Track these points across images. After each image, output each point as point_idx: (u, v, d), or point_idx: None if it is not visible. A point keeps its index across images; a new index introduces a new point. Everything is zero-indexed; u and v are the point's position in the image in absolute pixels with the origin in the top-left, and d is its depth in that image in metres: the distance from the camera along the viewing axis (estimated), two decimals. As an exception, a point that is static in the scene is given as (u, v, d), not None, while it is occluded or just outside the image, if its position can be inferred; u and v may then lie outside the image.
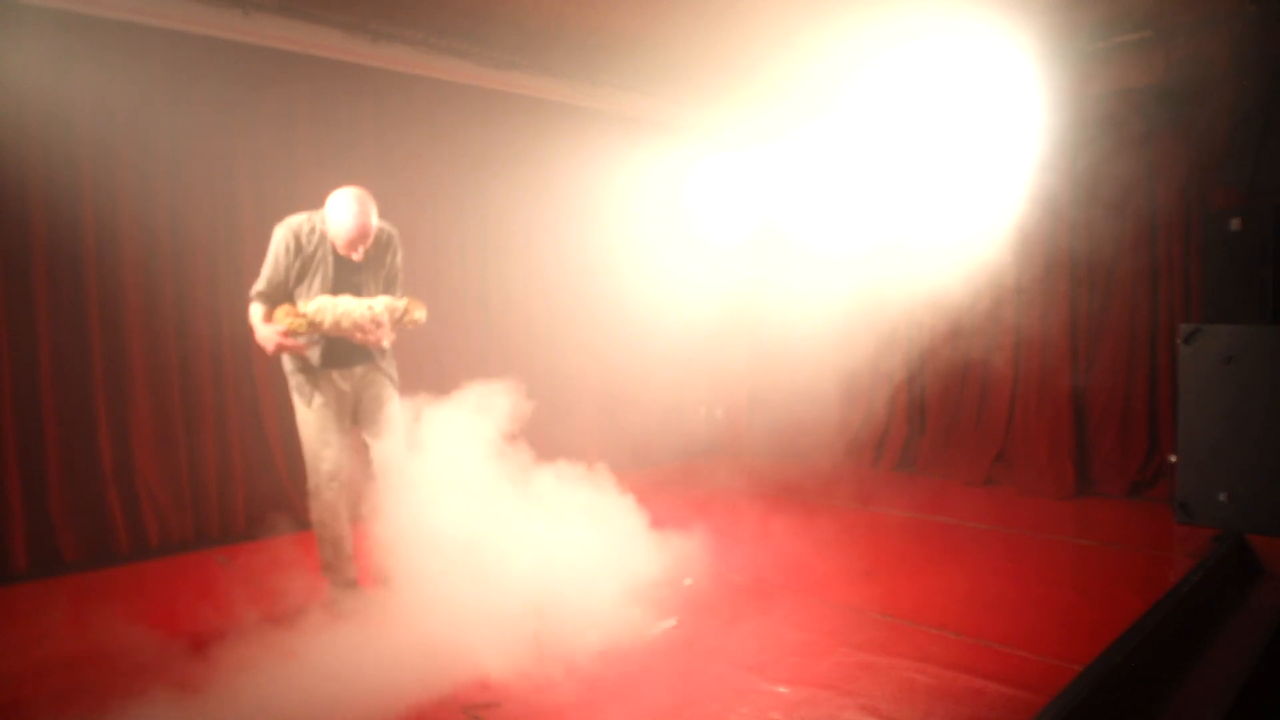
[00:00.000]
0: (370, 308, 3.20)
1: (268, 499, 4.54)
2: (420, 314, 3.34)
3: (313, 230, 3.24)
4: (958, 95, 5.23)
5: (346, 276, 3.29)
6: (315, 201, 4.75)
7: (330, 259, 3.26)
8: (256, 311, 3.20)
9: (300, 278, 3.24)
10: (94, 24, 3.98)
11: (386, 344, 3.35)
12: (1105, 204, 5.07)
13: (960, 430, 5.87)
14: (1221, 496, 4.31)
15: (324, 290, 3.23)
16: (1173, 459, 4.51)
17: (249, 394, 4.60)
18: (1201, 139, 4.73)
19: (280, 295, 3.23)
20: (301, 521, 4.44)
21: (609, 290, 6.16)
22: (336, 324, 3.15)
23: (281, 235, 3.24)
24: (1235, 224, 4.36)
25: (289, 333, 3.11)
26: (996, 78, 5.00)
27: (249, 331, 3.29)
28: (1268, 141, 4.35)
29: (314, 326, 3.14)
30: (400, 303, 3.29)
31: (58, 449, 4.00)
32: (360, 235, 3.18)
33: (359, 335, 3.20)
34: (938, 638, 3.13)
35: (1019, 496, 5.34)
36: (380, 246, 3.37)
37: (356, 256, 3.24)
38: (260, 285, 3.23)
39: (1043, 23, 4.62)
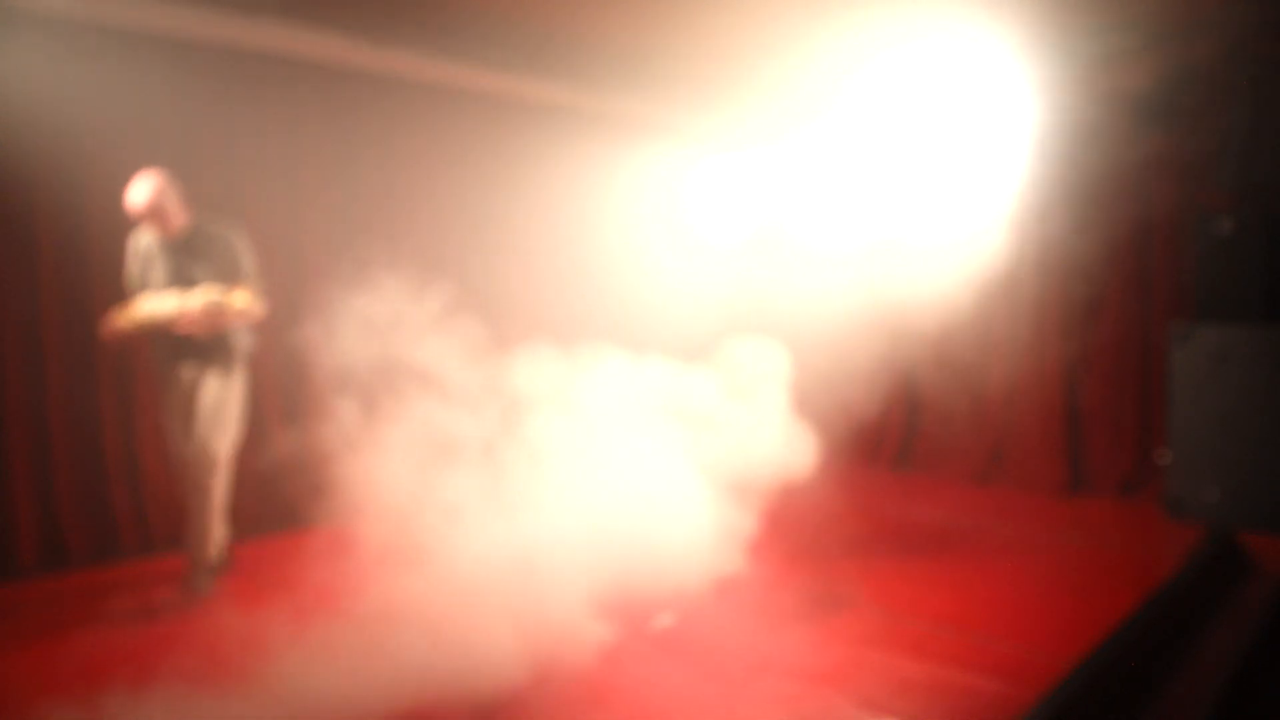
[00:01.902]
0: (181, 303, 3.42)
1: (272, 495, 4.58)
2: (243, 302, 3.50)
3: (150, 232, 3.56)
4: (953, 98, 5.27)
5: (179, 271, 3.54)
6: (317, 206, 4.83)
7: (162, 256, 3.55)
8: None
9: (145, 274, 3.58)
10: (97, 32, 4.00)
11: (242, 336, 3.64)
12: (1100, 205, 5.12)
13: (956, 429, 5.92)
14: (1213, 494, 4.37)
15: (162, 284, 3.52)
16: (1163, 458, 4.57)
17: (249, 394, 4.62)
18: (1194, 141, 4.77)
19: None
20: (306, 517, 4.50)
21: (609, 293, 6.18)
22: (152, 320, 3.42)
23: (130, 240, 3.60)
24: (1227, 225, 4.41)
25: (116, 331, 3.43)
26: (992, 81, 5.04)
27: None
28: (1259, 144, 4.39)
29: (136, 324, 3.43)
30: (219, 295, 3.45)
31: (64, 447, 4.03)
32: (144, 209, 3.42)
33: (195, 326, 3.43)
34: (933, 633, 3.18)
35: (1014, 494, 5.40)
36: (209, 241, 3.59)
37: (149, 229, 3.50)
38: (127, 286, 3.60)
39: (1039, 27, 4.66)
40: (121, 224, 4.13)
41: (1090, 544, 4.36)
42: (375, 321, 3.47)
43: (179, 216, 3.53)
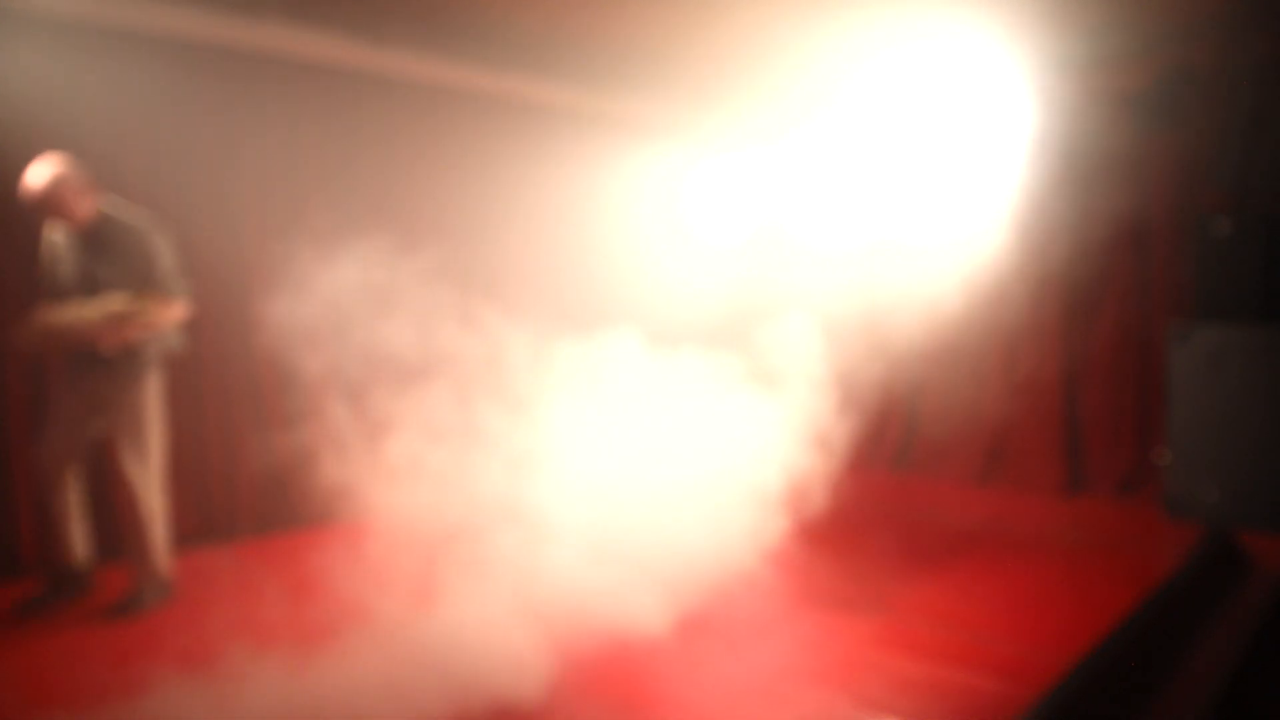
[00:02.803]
0: (80, 316, 3.12)
1: (274, 494, 4.59)
2: (153, 311, 3.20)
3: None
4: (952, 99, 5.28)
5: (85, 270, 3.22)
6: (317, 206, 4.83)
7: (69, 252, 3.23)
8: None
9: (53, 273, 3.27)
10: (97, 32, 4.00)
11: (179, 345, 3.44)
12: (1098, 205, 5.13)
13: (954, 429, 5.92)
14: (1212, 493, 4.38)
15: (69, 285, 3.22)
16: (1162, 458, 4.58)
17: (251, 392, 4.64)
18: (1193, 142, 4.78)
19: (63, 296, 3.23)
20: (305, 517, 4.51)
21: (608, 294, 6.19)
22: (56, 333, 3.12)
23: (43, 233, 3.27)
24: (1225, 226, 4.42)
25: (21, 343, 3.15)
26: (991, 82, 5.05)
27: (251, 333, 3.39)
28: (1256, 144, 4.40)
29: (42, 337, 3.13)
30: (124, 306, 3.14)
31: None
32: (38, 198, 3.09)
33: (97, 342, 3.15)
34: (933, 633, 3.18)
35: (1013, 494, 5.40)
36: (121, 236, 3.24)
37: (52, 225, 3.21)
38: (40, 286, 3.30)
39: (1037, 28, 4.66)
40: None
41: (1090, 544, 4.37)
42: (374, 318, 3.48)
43: (83, 207, 3.17)
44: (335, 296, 4.25)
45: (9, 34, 3.75)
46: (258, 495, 4.61)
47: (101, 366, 3.27)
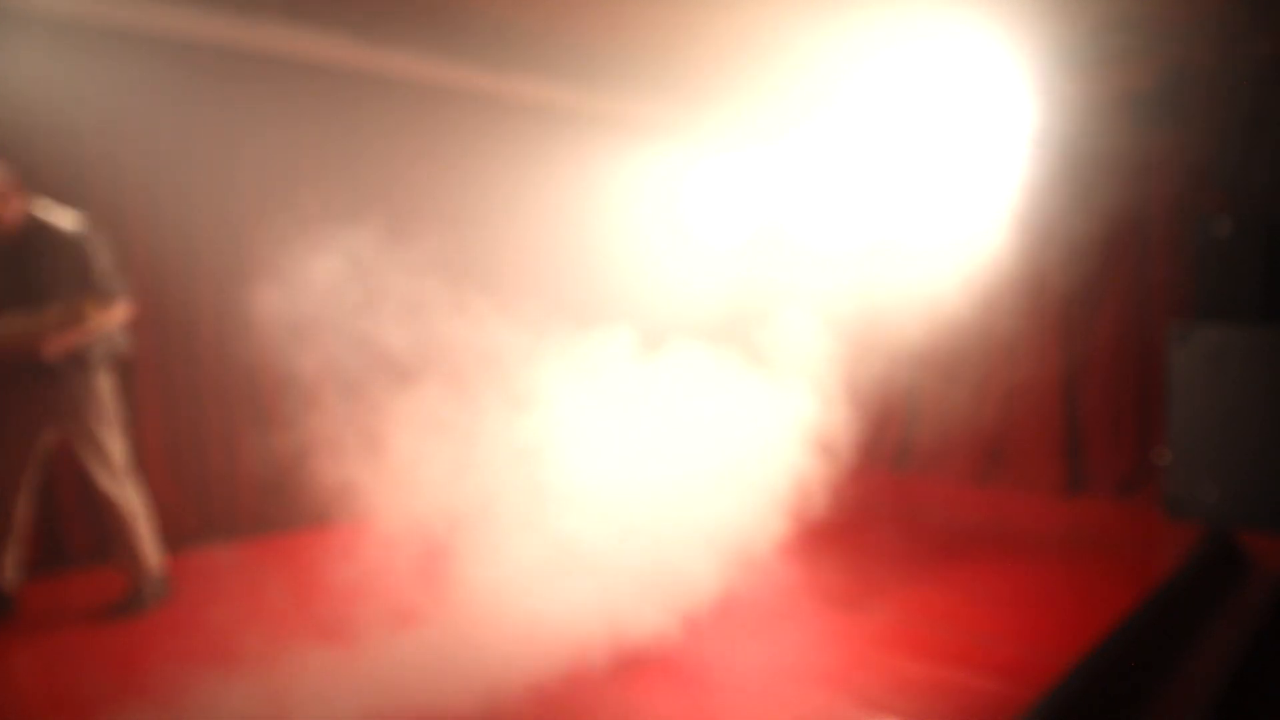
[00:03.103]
0: (17, 326, 3.05)
1: (274, 494, 4.60)
2: (97, 315, 3.13)
3: None
4: (953, 99, 5.28)
5: (19, 276, 3.11)
6: (317, 207, 4.83)
7: (1, 265, 3.12)
8: None
9: None
10: (97, 32, 4.00)
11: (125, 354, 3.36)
12: (1098, 206, 5.13)
13: (955, 429, 5.92)
14: (1212, 493, 4.38)
15: (4, 298, 3.10)
16: (1162, 458, 4.58)
17: (250, 392, 4.64)
18: (1194, 142, 4.78)
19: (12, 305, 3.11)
20: (306, 516, 4.51)
21: (609, 294, 6.19)
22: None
23: None
24: (1225, 226, 4.42)
25: None
26: (991, 82, 5.05)
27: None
28: (1256, 144, 4.40)
29: None
30: (62, 313, 3.07)
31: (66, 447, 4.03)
32: None
33: (43, 349, 3.07)
34: (933, 633, 3.18)
35: (1013, 494, 5.41)
36: (53, 239, 3.14)
37: None
38: None
39: (1038, 28, 4.67)
40: (121, 223, 4.15)
41: (1090, 544, 4.37)
42: (374, 318, 3.48)
43: (11, 211, 3.06)
44: (334, 296, 4.25)
45: (9, 34, 3.75)
46: (258, 495, 4.62)
47: (48, 375, 3.19)
